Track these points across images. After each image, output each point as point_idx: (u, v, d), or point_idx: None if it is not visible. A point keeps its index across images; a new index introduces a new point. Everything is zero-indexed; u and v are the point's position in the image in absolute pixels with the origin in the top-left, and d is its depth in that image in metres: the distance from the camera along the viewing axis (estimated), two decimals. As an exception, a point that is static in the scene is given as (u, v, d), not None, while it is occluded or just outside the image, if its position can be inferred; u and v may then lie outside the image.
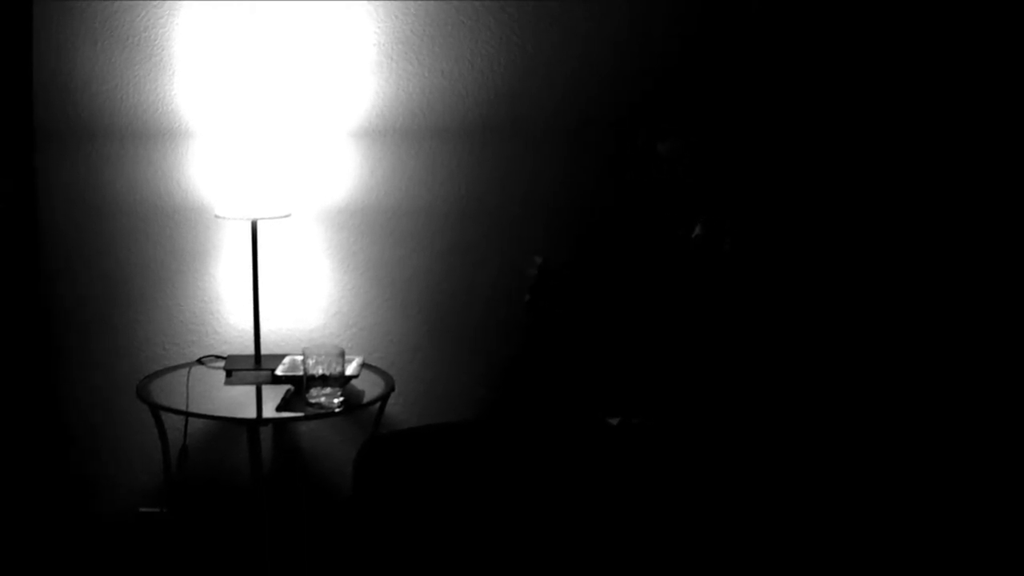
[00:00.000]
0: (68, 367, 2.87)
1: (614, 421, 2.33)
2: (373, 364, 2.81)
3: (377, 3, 2.74)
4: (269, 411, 2.48)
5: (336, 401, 2.47)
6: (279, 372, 2.62)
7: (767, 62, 2.72)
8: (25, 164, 2.76)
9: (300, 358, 2.66)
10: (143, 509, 2.90)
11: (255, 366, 2.73)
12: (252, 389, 2.63)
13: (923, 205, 2.73)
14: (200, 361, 2.81)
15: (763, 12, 2.72)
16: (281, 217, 2.69)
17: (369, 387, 2.65)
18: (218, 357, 2.83)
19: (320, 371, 2.46)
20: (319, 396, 2.46)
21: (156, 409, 2.59)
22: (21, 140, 2.75)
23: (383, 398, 2.64)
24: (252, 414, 2.53)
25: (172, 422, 2.67)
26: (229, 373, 2.71)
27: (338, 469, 2.86)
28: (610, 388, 2.12)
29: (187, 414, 2.50)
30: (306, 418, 2.54)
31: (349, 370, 2.58)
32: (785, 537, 2.49)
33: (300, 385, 2.52)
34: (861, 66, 2.72)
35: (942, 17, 2.68)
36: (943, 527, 2.58)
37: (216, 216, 2.70)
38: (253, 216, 2.65)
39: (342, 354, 2.49)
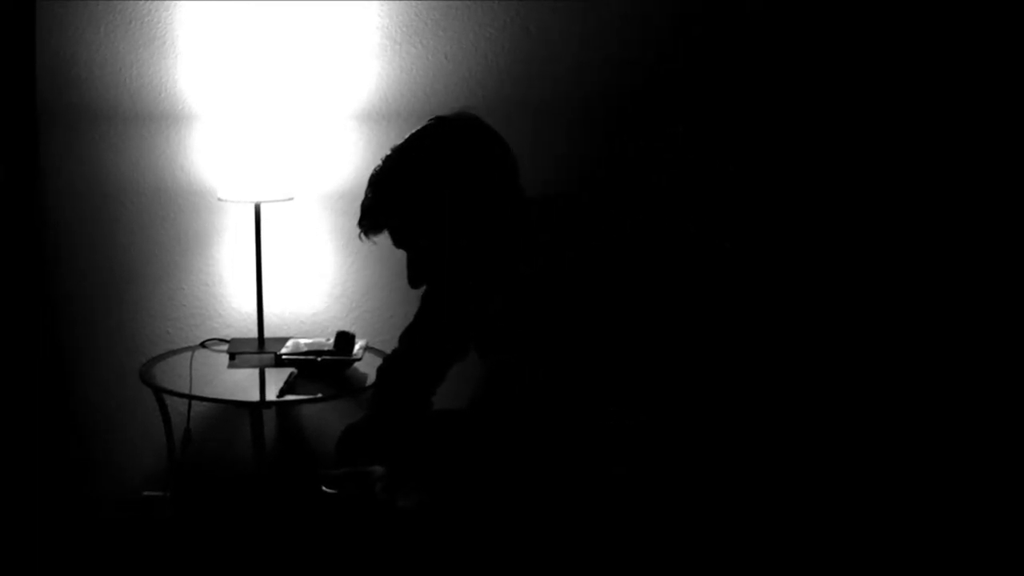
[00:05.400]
0: (71, 350, 2.88)
1: (612, 410, 2.32)
2: (376, 347, 2.80)
3: (381, -14, 2.74)
4: (272, 394, 2.48)
5: None
6: (282, 354, 2.63)
7: (771, 59, 2.71)
8: (28, 148, 2.76)
9: (304, 341, 2.67)
10: (147, 492, 2.91)
11: (258, 349, 2.73)
12: (255, 372, 2.63)
13: (923, 204, 2.72)
14: (203, 344, 2.81)
15: (768, 4, 2.71)
16: (284, 200, 2.69)
17: (372, 370, 2.64)
18: (221, 340, 2.83)
19: None
20: None
21: (159, 392, 2.59)
22: (24, 124, 2.75)
23: (386, 381, 2.63)
24: (255, 397, 2.54)
25: (175, 405, 2.68)
26: (232, 356, 2.71)
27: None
28: (608, 382, 2.11)
29: (190, 397, 2.51)
30: (310, 401, 2.54)
31: (353, 353, 2.59)
32: (779, 534, 2.48)
33: (303, 368, 2.52)
34: (862, 65, 2.71)
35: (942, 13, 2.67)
36: (941, 524, 2.59)
37: (219, 199, 2.70)
38: (256, 199, 2.64)
39: None
